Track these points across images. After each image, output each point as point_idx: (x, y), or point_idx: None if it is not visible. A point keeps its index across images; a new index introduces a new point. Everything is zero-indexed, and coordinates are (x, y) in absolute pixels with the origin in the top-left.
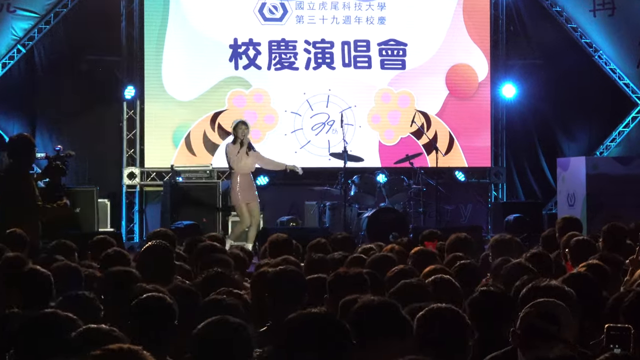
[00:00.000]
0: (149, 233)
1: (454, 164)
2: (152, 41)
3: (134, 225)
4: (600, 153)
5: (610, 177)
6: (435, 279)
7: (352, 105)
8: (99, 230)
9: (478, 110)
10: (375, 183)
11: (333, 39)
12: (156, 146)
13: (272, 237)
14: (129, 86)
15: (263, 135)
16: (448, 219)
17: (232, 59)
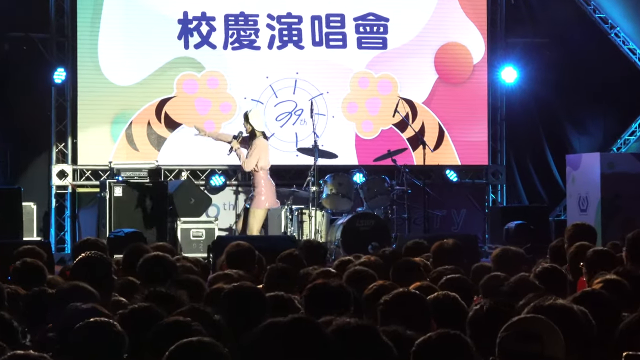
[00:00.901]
0: (75, 244)
1: (444, 162)
2: (87, 15)
3: (65, 233)
4: (617, 149)
5: (628, 176)
6: (438, 297)
7: (324, 92)
8: (23, 239)
9: (473, 97)
10: (351, 184)
11: (301, 12)
12: (91, 140)
13: (230, 247)
14: (58, 68)
15: (218, 126)
16: (437, 227)
17: (181, 36)
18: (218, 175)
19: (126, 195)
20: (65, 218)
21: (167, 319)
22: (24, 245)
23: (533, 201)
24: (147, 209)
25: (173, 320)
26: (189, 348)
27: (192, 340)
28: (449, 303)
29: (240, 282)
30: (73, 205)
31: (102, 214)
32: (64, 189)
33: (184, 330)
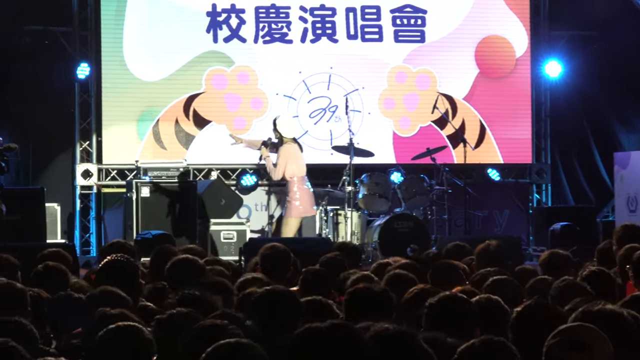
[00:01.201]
0: (102, 247)
1: (486, 160)
2: (111, 8)
3: (90, 235)
4: None
5: None
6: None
7: (360, 87)
8: (47, 241)
9: (515, 93)
10: (388, 183)
11: (335, 4)
12: (117, 138)
13: (265, 249)
14: (82, 63)
15: (249, 123)
16: (479, 228)
17: (209, 29)
18: (249, 175)
19: (154, 195)
20: (90, 219)
21: (203, 322)
22: (48, 248)
23: (579, 201)
24: (175, 210)
25: (210, 323)
26: (227, 349)
27: (230, 342)
28: (492, 307)
29: (272, 286)
30: (98, 206)
31: (129, 215)
32: (89, 189)
33: (221, 334)
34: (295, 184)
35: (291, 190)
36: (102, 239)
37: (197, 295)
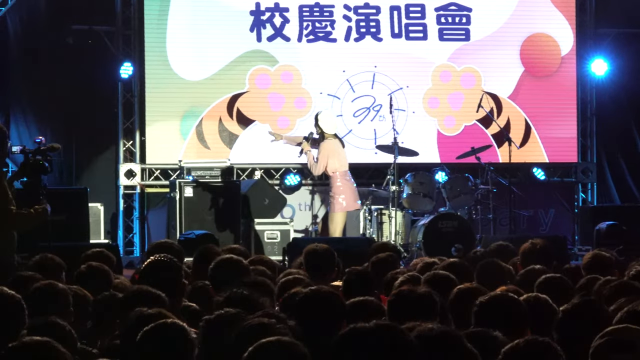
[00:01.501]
0: (149, 246)
1: (531, 159)
2: (154, 7)
3: (133, 235)
4: None
5: None
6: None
7: (404, 86)
8: (90, 242)
9: (561, 91)
10: (433, 183)
11: (379, 2)
12: (160, 137)
13: (309, 249)
14: (125, 63)
15: (292, 123)
16: (524, 227)
17: (253, 28)
18: (293, 174)
19: (197, 195)
20: (134, 219)
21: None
22: (91, 248)
23: (626, 200)
24: (219, 210)
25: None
26: (270, 347)
27: (272, 340)
28: (540, 305)
29: (317, 287)
30: (142, 206)
31: (172, 215)
32: (132, 189)
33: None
34: (338, 179)
35: (334, 185)
36: (145, 239)
37: (245, 295)
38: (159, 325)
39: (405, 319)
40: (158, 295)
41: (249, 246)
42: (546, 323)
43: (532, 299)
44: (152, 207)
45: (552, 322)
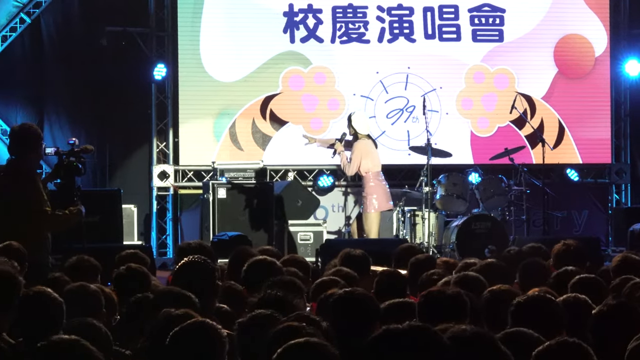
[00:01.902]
0: (178, 246)
1: (565, 160)
2: (188, 9)
3: (166, 236)
4: None
5: None
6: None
7: (437, 87)
8: (123, 243)
9: (594, 92)
10: (466, 184)
11: (412, 4)
12: (193, 139)
13: (344, 253)
14: (159, 64)
15: (326, 124)
16: (558, 229)
17: (287, 30)
18: (326, 176)
19: (230, 196)
20: (167, 221)
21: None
22: (125, 249)
23: None
24: (252, 212)
25: (286, 325)
26: (298, 349)
27: (301, 341)
28: (579, 306)
29: (351, 288)
30: (175, 207)
31: (205, 216)
32: (165, 190)
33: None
34: (371, 179)
35: (367, 185)
36: (178, 241)
37: (279, 297)
38: (192, 325)
39: (435, 320)
40: (187, 296)
41: (282, 247)
42: (584, 324)
43: (571, 299)
44: (185, 208)
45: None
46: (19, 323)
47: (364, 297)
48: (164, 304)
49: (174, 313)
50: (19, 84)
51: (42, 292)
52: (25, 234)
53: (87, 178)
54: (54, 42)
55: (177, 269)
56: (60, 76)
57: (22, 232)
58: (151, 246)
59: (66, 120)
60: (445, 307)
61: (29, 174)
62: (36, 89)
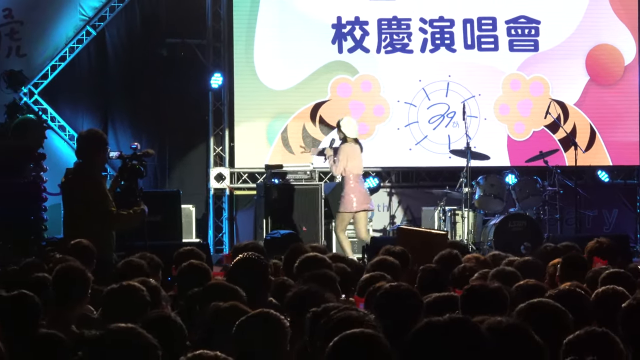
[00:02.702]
0: (234, 246)
1: (596, 162)
2: (243, 21)
3: (223, 234)
4: None
5: None
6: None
7: (476, 94)
8: (182, 241)
9: (624, 98)
10: (503, 185)
11: (453, 16)
12: (248, 143)
13: (385, 249)
14: (215, 73)
15: (372, 129)
16: (589, 227)
17: (335, 40)
18: (372, 177)
19: (282, 197)
20: (223, 220)
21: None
22: (184, 247)
23: None
24: (302, 211)
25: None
26: (353, 339)
27: (356, 332)
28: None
29: (396, 283)
30: (230, 207)
31: (259, 215)
32: (222, 191)
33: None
34: (351, 180)
35: (347, 185)
36: (234, 239)
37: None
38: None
39: (477, 313)
40: (235, 289)
41: (330, 245)
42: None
43: (601, 293)
44: (240, 208)
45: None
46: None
47: (408, 291)
48: (213, 298)
49: (222, 306)
50: (84, 92)
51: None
52: (93, 232)
53: (148, 180)
54: (118, 53)
55: (232, 265)
56: (123, 85)
57: (91, 230)
58: (208, 244)
59: (129, 126)
60: (487, 301)
61: (95, 176)
62: (101, 97)
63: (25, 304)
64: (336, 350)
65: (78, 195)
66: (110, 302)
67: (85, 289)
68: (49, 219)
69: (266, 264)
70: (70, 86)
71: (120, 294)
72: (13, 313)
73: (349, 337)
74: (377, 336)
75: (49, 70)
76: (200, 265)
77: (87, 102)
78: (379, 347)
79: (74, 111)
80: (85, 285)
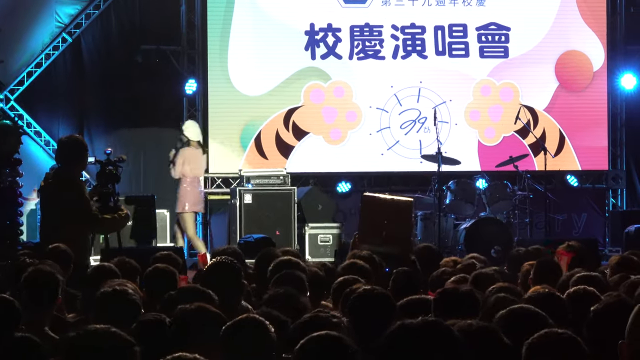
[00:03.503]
0: (213, 250)
1: (565, 167)
2: (217, 28)
3: None
4: None
5: None
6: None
7: (447, 100)
8: (157, 245)
9: (593, 104)
10: (474, 189)
11: (424, 23)
12: (222, 148)
13: (352, 254)
14: (190, 80)
15: (344, 134)
16: (559, 231)
17: (308, 47)
18: (344, 182)
19: (256, 202)
20: (197, 224)
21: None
22: (159, 251)
23: None
24: (276, 215)
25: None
26: (318, 341)
27: (321, 334)
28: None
29: (370, 286)
30: (204, 212)
31: (233, 220)
32: None
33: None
34: (186, 183)
35: (181, 187)
36: (208, 243)
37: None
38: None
39: (449, 316)
40: (206, 292)
41: (303, 248)
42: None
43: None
44: (214, 212)
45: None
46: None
47: (381, 294)
48: (184, 301)
49: (189, 307)
50: (60, 98)
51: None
52: (71, 237)
53: (123, 185)
54: (93, 59)
55: (206, 269)
56: (99, 91)
57: (68, 235)
58: (182, 247)
59: (104, 132)
60: (459, 304)
61: (76, 181)
62: (76, 103)
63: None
64: (303, 352)
65: (59, 199)
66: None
67: (55, 292)
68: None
69: (239, 268)
70: (46, 92)
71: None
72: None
73: (315, 339)
74: (342, 338)
75: (25, 76)
76: (166, 269)
77: (63, 108)
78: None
79: (49, 117)
80: (55, 288)
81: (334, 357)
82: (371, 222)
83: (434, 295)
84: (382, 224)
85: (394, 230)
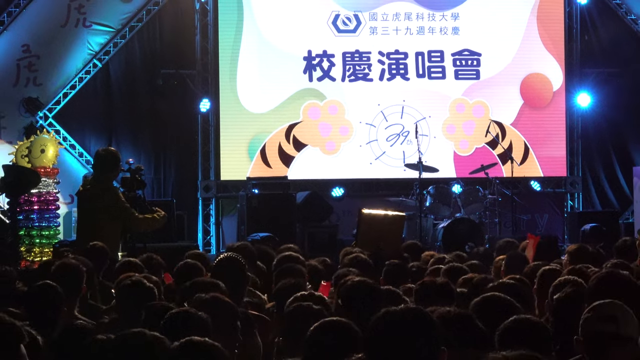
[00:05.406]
0: (227, 246)
1: (529, 174)
2: (227, 54)
3: (210, 237)
4: None
5: None
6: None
7: (427, 116)
8: (177, 243)
9: (553, 119)
10: (450, 193)
11: (407, 49)
12: (231, 158)
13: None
14: (204, 99)
15: (338, 146)
16: (524, 229)
17: (306, 70)
18: (338, 187)
19: (261, 205)
20: (211, 225)
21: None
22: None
23: (605, 207)
24: (278, 217)
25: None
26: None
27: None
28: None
29: (360, 278)
30: (217, 214)
31: (241, 221)
32: (210, 200)
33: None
34: None
35: None
36: (220, 240)
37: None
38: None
39: (428, 304)
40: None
41: (302, 246)
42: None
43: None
44: (225, 214)
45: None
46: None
47: (370, 285)
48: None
49: (204, 297)
50: (92, 115)
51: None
52: (108, 235)
53: (145, 190)
54: (120, 82)
55: (215, 263)
56: (125, 109)
57: (106, 234)
58: (198, 245)
59: (130, 144)
60: (437, 293)
61: (113, 187)
62: (106, 119)
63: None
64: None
65: (99, 203)
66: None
67: (79, 282)
68: (60, 224)
69: (244, 262)
70: (80, 110)
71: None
72: (41, 302)
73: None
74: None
75: (61, 97)
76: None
77: (94, 123)
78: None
79: (82, 132)
80: (79, 279)
81: (341, 340)
82: (368, 237)
83: (415, 286)
84: (377, 238)
85: (387, 242)
